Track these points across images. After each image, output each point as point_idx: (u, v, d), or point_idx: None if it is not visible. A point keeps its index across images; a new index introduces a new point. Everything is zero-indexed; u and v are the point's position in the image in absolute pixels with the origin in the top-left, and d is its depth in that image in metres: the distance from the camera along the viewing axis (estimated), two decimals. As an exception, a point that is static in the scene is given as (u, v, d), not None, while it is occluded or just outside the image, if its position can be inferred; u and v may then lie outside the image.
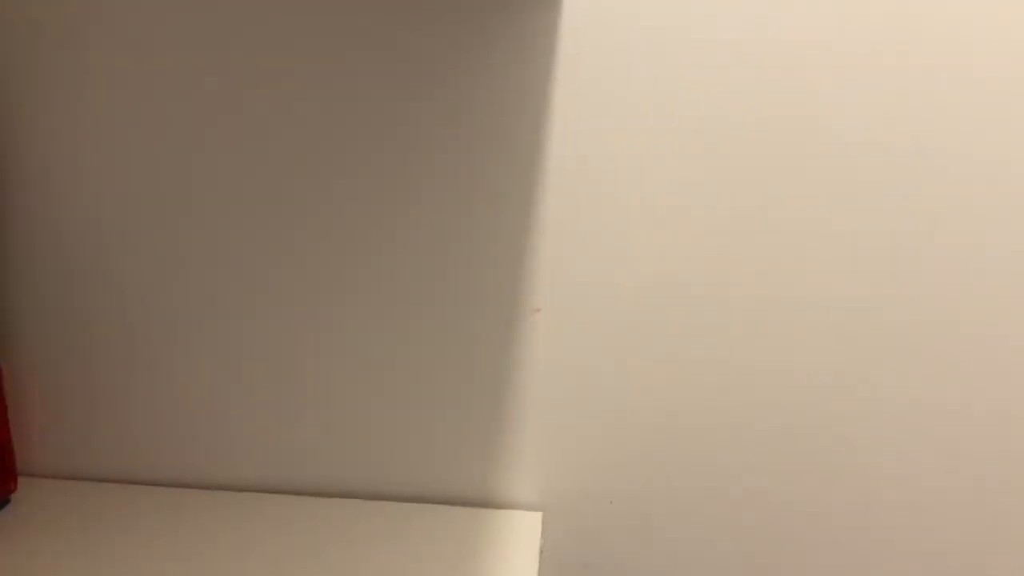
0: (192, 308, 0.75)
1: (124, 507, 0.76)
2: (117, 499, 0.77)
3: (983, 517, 0.75)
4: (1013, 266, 0.69)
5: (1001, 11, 0.65)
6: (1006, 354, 0.71)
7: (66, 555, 0.69)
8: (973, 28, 0.65)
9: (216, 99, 0.70)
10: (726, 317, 0.72)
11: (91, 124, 0.71)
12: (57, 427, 0.79)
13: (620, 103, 0.69)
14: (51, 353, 0.77)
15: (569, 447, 0.76)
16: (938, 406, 0.72)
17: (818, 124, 0.68)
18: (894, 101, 0.67)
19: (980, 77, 0.66)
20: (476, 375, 0.75)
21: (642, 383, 0.74)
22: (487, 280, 0.73)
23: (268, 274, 0.74)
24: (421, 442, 0.77)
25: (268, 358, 0.76)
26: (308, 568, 0.68)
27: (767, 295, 0.71)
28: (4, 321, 0.77)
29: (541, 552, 0.72)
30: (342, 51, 0.68)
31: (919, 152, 0.68)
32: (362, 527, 0.74)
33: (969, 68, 0.66)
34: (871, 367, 0.72)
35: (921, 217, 0.69)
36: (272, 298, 0.74)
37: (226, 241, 0.73)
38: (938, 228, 0.69)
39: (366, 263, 0.73)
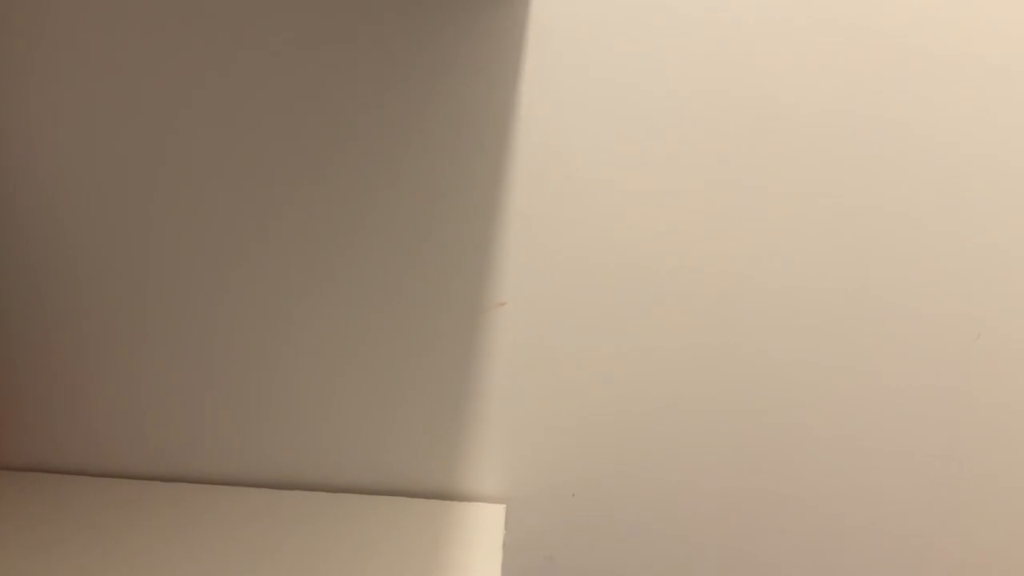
0: (158, 303, 0.74)
1: (87, 499, 0.75)
2: (81, 491, 0.76)
3: (950, 512, 0.77)
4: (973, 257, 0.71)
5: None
6: (960, 341, 0.73)
7: (24, 547, 0.68)
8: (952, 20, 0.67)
9: (183, 98, 0.69)
10: (691, 312, 0.73)
11: (57, 121, 0.70)
12: (18, 420, 0.78)
13: (587, 97, 0.69)
14: (15, 347, 0.76)
15: (532, 440, 0.77)
16: (905, 395, 0.74)
17: (783, 113, 0.69)
18: (857, 85, 0.68)
19: (932, 56, 0.68)
20: (441, 368, 0.75)
21: (605, 377, 0.75)
22: (452, 273, 0.73)
23: (234, 269, 0.73)
24: (386, 435, 0.77)
25: (233, 352, 0.75)
26: (273, 560, 0.68)
27: (733, 289, 0.72)
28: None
29: (504, 544, 0.73)
30: (310, 46, 0.68)
31: (881, 133, 0.69)
32: (326, 519, 0.74)
33: (924, 49, 0.68)
34: (839, 358, 0.74)
35: (888, 197, 0.70)
36: (238, 292, 0.74)
37: (191, 236, 0.72)
38: (907, 208, 0.71)
39: (332, 257, 0.73)
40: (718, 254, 0.72)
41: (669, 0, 0.67)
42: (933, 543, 0.78)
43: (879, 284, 0.72)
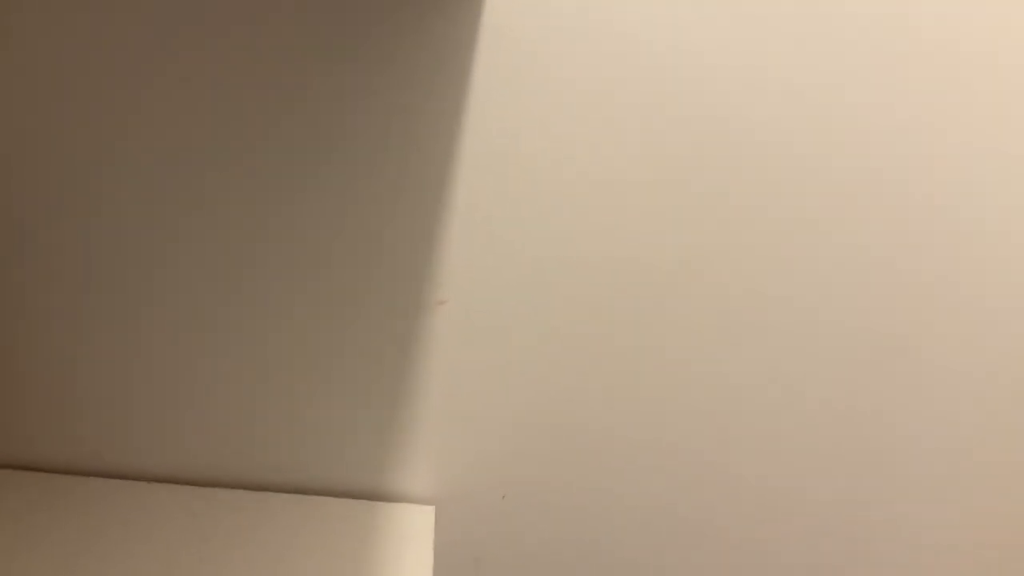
0: (86, 299, 0.70)
1: (10, 494, 0.71)
2: (6, 486, 0.72)
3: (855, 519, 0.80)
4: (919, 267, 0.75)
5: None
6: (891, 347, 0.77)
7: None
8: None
9: (124, 95, 0.66)
10: (628, 313, 0.74)
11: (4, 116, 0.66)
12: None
13: (535, 98, 0.69)
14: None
15: (463, 441, 0.76)
16: (826, 407, 0.77)
17: (729, 118, 0.70)
18: (799, 87, 0.71)
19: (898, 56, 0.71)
20: (373, 367, 0.74)
21: (539, 379, 0.75)
22: (391, 271, 0.72)
23: (165, 264, 0.70)
24: (313, 433, 0.75)
25: (163, 348, 0.72)
26: (196, 559, 0.65)
27: (673, 292, 0.74)
28: None
29: (434, 546, 0.72)
30: (250, 40, 0.66)
31: (819, 154, 0.72)
32: (253, 518, 0.72)
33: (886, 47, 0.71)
34: (772, 364, 0.76)
35: (826, 214, 0.73)
36: (167, 287, 0.71)
37: (122, 230, 0.69)
38: (864, 214, 0.74)
39: (267, 251, 0.70)
40: (659, 255, 0.73)
41: (620, 5, 0.68)
42: (858, 552, 0.81)
43: (817, 296, 0.74)
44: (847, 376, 0.76)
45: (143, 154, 0.68)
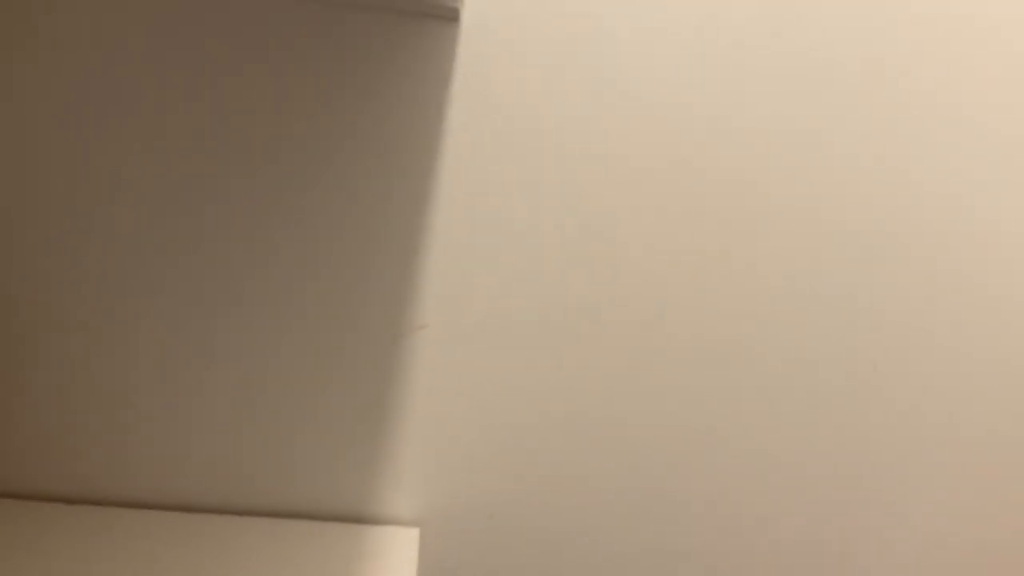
0: (65, 321, 0.71)
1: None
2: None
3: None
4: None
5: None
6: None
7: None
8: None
9: (106, 112, 0.67)
10: (606, 337, 0.75)
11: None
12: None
13: (513, 124, 0.71)
14: None
15: (448, 462, 0.77)
16: (806, 421, 0.78)
17: (703, 146, 0.72)
18: (772, 96, 0.72)
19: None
20: (357, 390, 0.75)
21: (522, 400, 0.76)
22: (373, 295, 0.73)
23: (148, 287, 0.71)
24: (299, 457, 0.76)
25: (144, 372, 0.73)
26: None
27: (649, 317, 0.75)
28: None
29: (418, 569, 0.72)
30: (232, 63, 0.68)
31: (778, 173, 0.73)
32: (238, 543, 0.72)
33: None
34: (747, 381, 0.77)
35: (791, 232, 0.74)
36: (151, 311, 0.72)
37: (103, 258, 0.70)
38: (807, 244, 0.75)
39: (251, 276, 0.72)
40: (633, 279, 0.74)
41: (598, 33, 0.70)
42: (830, 566, 0.82)
43: (784, 317, 0.76)
44: (835, 383, 0.78)
45: (133, 188, 0.69)
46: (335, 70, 0.69)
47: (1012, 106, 0.74)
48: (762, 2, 0.70)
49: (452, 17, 0.69)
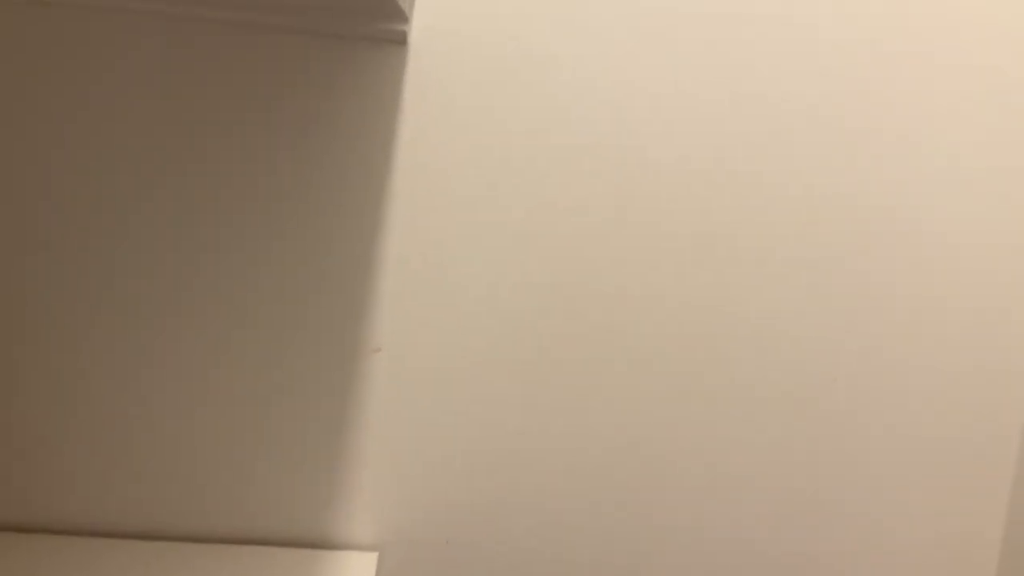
0: (24, 348, 0.72)
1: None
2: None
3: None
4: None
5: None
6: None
7: None
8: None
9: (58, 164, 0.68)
10: (564, 359, 0.75)
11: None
12: None
13: (463, 145, 0.71)
14: None
15: (405, 486, 0.76)
16: (769, 435, 0.77)
17: (654, 162, 0.72)
18: (717, 140, 0.72)
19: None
20: (312, 413, 0.74)
21: (479, 424, 0.75)
22: (326, 320, 0.73)
23: (106, 311, 0.71)
24: (257, 483, 0.75)
25: (96, 397, 0.73)
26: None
27: (604, 340, 0.75)
28: None
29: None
30: (193, 105, 0.68)
31: (737, 200, 0.73)
32: (197, 570, 0.71)
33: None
34: (705, 401, 0.76)
35: (752, 246, 0.74)
36: (107, 337, 0.72)
37: (65, 283, 0.70)
38: (770, 258, 0.75)
39: (204, 302, 0.72)
40: (588, 301, 0.74)
41: (545, 55, 0.70)
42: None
43: (747, 335, 0.75)
44: (795, 397, 0.77)
45: (99, 218, 0.70)
46: (286, 95, 0.69)
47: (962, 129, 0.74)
48: (706, 28, 0.71)
49: (400, 40, 0.69)
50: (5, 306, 0.71)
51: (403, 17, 0.67)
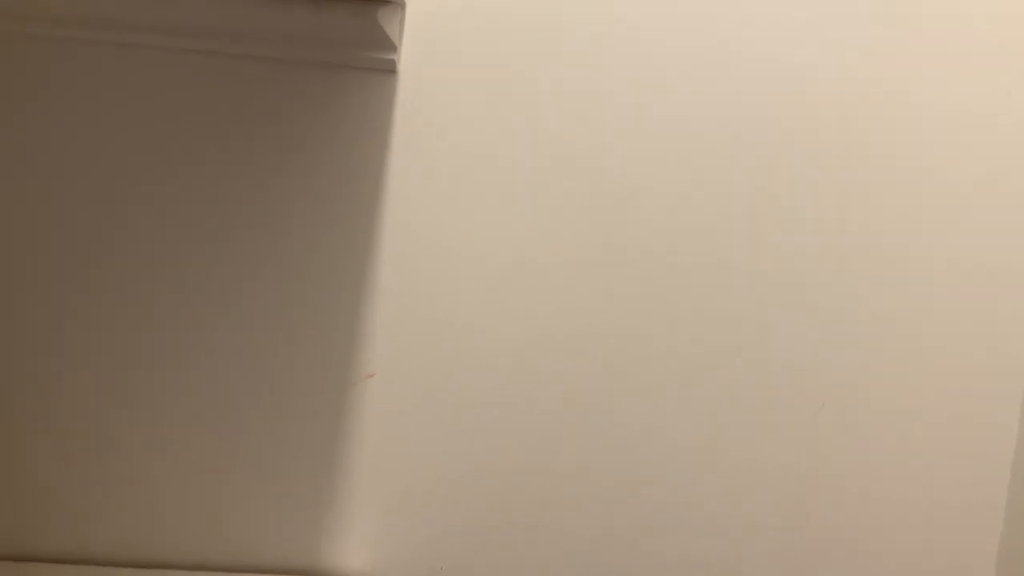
0: (10, 371, 0.72)
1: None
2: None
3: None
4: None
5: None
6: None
7: None
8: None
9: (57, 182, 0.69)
10: (557, 386, 0.75)
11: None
12: None
13: (453, 173, 0.72)
14: None
15: (399, 513, 0.76)
16: (754, 462, 0.77)
17: (642, 194, 0.73)
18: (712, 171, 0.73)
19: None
20: (305, 440, 0.74)
21: (472, 450, 0.75)
22: (320, 345, 0.73)
23: (99, 341, 0.72)
24: (250, 511, 0.75)
25: (89, 424, 0.73)
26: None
27: (598, 364, 0.75)
28: None
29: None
30: (174, 120, 0.69)
31: (733, 223, 0.74)
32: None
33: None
34: (697, 425, 0.76)
35: (741, 280, 0.75)
36: (100, 365, 0.72)
37: (60, 308, 0.71)
38: (755, 290, 0.75)
39: (196, 328, 0.72)
40: (584, 330, 0.74)
41: (535, 83, 0.71)
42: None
43: (734, 362, 0.75)
44: (780, 425, 0.77)
45: (88, 239, 0.70)
46: (276, 125, 0.70)
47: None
48: (691, 61, 0.72)
49: (389, 69, 0.70)
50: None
51: (392, 46, 0.68)
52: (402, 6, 0.67)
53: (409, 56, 0.70)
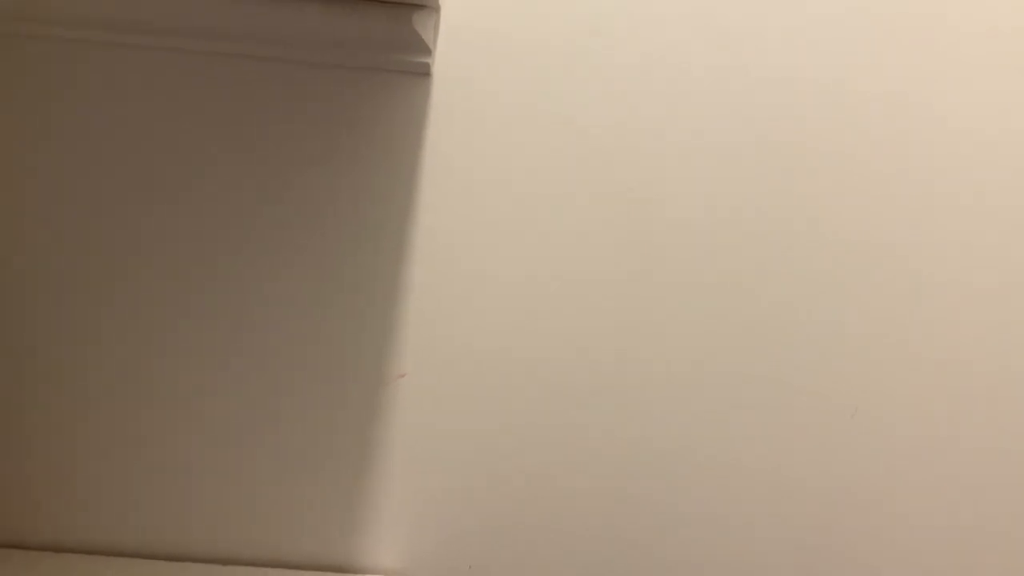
0: (48, 366, 0.73)
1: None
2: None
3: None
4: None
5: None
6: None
7: None
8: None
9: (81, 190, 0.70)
10: (586, 386, 0.75)
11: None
12: None
13: (487, 175, 0.72)
14: None
15: (430, 512, 0.77)
16: (786, 466, 0.77)
17: (670, 201, 0.73)
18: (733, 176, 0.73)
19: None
20: (339, 439, 0.75)
21: (503, 450, 0.76)
22: (353, 345, 0.74)
23: (136, 339, 0.73)
24: (282, 507, 0.76)
25: (128, 421, 0.74)
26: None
27: (628, 365, 0.75)
28: None
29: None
30: (217, 124, 0.70)
31: (759, 222, 0.73)
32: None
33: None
34: (722, 431, 0.76)
35: (773, 279, 0.74)
36: (137, 362, 0.73)
37: (94, 305, 0.72)
38: (788, 291, 0.75)
39: (230, 327, 0.73)
40: (609, 329, 0.74)
41: (570, 87, 0.71)
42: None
43: (765, 364, 0.75)
44: (819, 443, 0.77)
45: (121, 239, 0.71)
46: (310, 128, 0.71)
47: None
48: (713, 57, 0.71)
49: (424, 72, 0.70)
50: (11, 324, 0.73)
51: (426, 50, 0.68)
52: (437, 10, 0.68)
53: (443, 59, 0.71)
